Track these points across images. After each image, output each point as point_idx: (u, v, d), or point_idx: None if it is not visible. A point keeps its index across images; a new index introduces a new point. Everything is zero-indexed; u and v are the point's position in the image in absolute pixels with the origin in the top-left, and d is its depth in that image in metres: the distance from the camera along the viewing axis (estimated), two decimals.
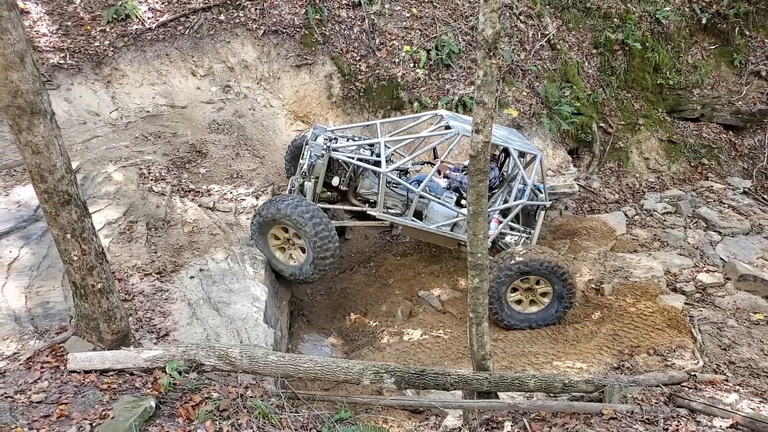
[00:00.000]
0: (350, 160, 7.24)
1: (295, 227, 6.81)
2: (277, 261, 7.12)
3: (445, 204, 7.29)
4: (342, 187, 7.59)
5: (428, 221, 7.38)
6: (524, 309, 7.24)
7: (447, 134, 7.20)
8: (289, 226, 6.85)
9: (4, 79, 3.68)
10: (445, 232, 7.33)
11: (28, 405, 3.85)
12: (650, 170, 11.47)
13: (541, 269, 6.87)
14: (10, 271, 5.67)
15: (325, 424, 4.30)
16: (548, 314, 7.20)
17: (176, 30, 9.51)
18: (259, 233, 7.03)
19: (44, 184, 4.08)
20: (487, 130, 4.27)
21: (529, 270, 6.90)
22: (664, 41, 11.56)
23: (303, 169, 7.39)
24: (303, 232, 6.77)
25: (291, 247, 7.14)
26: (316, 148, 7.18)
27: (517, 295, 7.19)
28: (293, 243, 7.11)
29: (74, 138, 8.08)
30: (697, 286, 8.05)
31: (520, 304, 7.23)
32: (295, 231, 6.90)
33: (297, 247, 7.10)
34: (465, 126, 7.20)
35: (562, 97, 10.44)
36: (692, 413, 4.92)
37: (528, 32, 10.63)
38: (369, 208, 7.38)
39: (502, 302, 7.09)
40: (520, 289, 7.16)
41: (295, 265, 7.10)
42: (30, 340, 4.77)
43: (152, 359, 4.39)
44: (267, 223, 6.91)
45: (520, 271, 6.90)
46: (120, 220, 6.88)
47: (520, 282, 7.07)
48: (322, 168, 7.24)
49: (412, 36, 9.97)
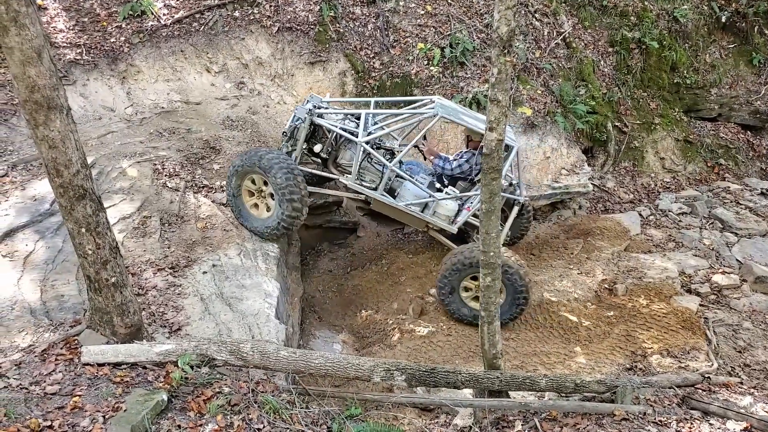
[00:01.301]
0: (331, 127, 7.33)
1: (264, 175, 6.91)
2: (253, 218, 7.18)
3: (417, 184, 7.29)
4: (322, 155, 7.70)
5: (399, 199, 7.39)
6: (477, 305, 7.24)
7: (425, 114, 7.17)
8: (259, 174, 6.95)
9: (21, 74, 3.72)
10: (413, 211, 7.31)
11: (42, 396, 3.89)
12: (666, 170, 11.35)
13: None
14: (26, 265, 5.74)
15: (336, 421, 4.31)
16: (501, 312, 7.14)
17: (191, 26, 9.56)
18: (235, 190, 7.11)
19: (60, 179, 4.12)
20: (501, 128, 4.24)
21: (469, 266, 6.88)
22: (682, 40, 11.43)
23: (284, 130, 7.62)
24: (272, 181, 6.85)
25: (263, 199, 7.21)
26: (299, 111, 7.37)
27: (472, 292, 7.20)
28: (263, 194, 7.19)
29: (90, 133, 8.16)
30: (713, 287, 7.96)
31: (476, 300, 7.18)
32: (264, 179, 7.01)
33: (267, 195, 7.16)
34: (453, 113, 7.14)
35: (577, 96, 10.36)
36: (706, 416, 4.87)
37: (543, 30, 10.55)
38: (344, 177, 7.46)
39: (454, 294, 7.17)
40: (474, 286, 7.15)
41: (268, 217, 7.14)
42: (45, 333, 4.83)
43: (165, 353, 4.43)
44: (240, 173, 7.01)
45: (469, 266, 6.88)
46: (134, 215, 6.93)
47: (471, 280, 7.08)
48: (303, 131, 7.39)
49: (427, 33, 9.94)
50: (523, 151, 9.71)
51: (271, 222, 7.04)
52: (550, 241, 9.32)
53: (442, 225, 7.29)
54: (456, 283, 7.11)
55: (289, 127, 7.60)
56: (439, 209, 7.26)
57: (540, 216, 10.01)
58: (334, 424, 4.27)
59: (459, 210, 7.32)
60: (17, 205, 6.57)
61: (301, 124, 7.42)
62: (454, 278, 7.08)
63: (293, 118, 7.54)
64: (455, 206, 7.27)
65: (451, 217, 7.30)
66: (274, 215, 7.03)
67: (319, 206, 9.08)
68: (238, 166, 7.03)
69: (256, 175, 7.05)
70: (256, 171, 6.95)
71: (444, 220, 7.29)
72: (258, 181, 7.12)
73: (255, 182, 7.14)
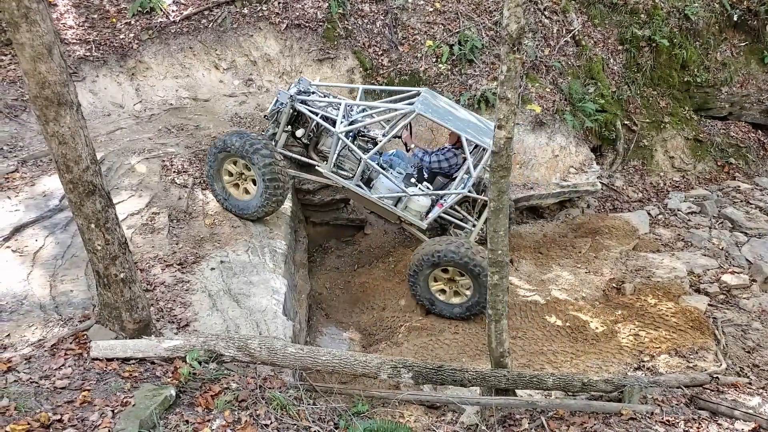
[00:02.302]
0: (311, 115, 7.37)
1: (242, 158, 6.98)
2: (234, 199, 7.25)
3: (390, 178, 7.31)
4: (304, 140, 7.78)
5: (374, 191, 7.44)
6: (447, 299, 7.38)
7: (403, 110, 7.17)
8: (243, 159, 7.01)
9: (32, 70, 3.74)
10: (385, 204, 7.37)
11: (52, 390, 3.93)
12: (675, 169, 11.28)
13: (454, 261, 6.92)
14: (36, 260, 5.79)
15: (342, 417, 4.32)
16: (470, 305, 7.29)
17: (200, 23, 9.58)
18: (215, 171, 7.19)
19: (70, 174, 4.15)
20: (509, 126, 4.23)
21: (445, 260, 6.97)
22: (693, 38, 11.33)
23: (266, 113, 7.72)
24: (257, 171, 6.93)
25: (243, 182, 7.27)
26: (282, 96, 7.44)
27: (441, 284, 7.33)
28: (245, 177, 7.25)
29: (99, 129, 8.20)
30: (722, 287, 7.91)
31: (444, 294, 7.37)
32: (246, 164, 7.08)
33: (249, 179, 7.24)
34: (433, 110, 7.11)
35: (586, 94, 10.30)
36: (714, 416, 4.85)
37: (552, 28, 10.50)
38: (322, 164, 7.51)
39: (423, 286, 7.29)
40: (442, 279, 7.27)
41: (248, 199, 7.22)
42: (54, 328, 4.86)
43: (173, 349, 4.45)
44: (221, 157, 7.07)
45: (436, 260, 6.98)
46: (143, 211, 6.96)
47: (441, 272, 7.21)
48: (284, 117, 7.47)
49: (435, 31, 9.91)
50: (532, 149, 9.68)
51: (252, 205, 7.16)
52: (558, 240, 9.29)
53: (413, 220, 7.39)
54: (425, 276, 7.21)
55: (270, 111, 7.70)
56: (411, 204, 7.34)
57: (548, 214, 9.98)
58: (341, 421, 4.28)
59: (432, 206, 7.37)
60: (27, 200, 6.62)
61: (283, 109, 7.49)
62: (423, 271, 7.18)
63: (275, 102, 7.62)
64: (428, 202, 7.33)
65: (422, 212, 7.38)
66: (255, 199, 7.12)
67: (327, 203, 9.09)
68: (221, 149, 7.06)
69: (240, 159, 7.09)
70: (241, 156, 7.00)
71: (415, 216, 7.38)
72: (240, 165, 7.17)
73: (236, 164, 7.20)
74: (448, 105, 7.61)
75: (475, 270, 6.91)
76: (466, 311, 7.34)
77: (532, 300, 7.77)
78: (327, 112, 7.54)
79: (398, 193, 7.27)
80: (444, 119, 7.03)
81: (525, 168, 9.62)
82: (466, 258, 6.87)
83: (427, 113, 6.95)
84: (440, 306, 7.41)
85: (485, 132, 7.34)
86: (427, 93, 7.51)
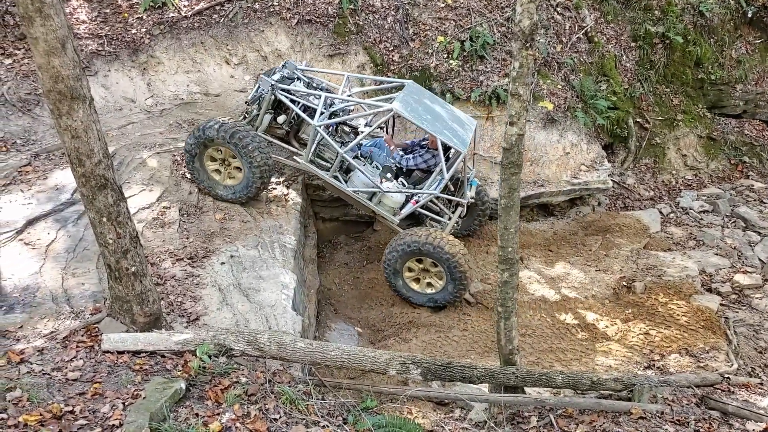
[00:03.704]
0: (290, 105, 7.40)
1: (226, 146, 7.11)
2: (215, 183, 7.37)
3: (365, 174, 7.37)
4: (285, 127, 7.84)
5: (350, 184, 7.53)
6: (422, 288, 7.58)
7: (382, 108, 7.21)
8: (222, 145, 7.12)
9: (46, 64, 3.77)
10: (359, 198, 7.48)
11: (64, 382, 3.96)
12: (687, 167, 11.17)
13: (427, 251, 7.09)
14: (48, 253, 5.84)
15: (351, 413, 4.32)
16: (441, 296, 7.45)
17: (211, 18, 9.59)
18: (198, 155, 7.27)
19: (82, 168, 4.17)
20: (521, 123, 4.20)
21: (418, 250, 7.16)
22: (707, 35, 11.20)
23: (247, 99, 7.78)
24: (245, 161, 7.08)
25: (227, 168, 7.37)
26: (264, 83, 7.44)
27: (415, 273, 7.52)
28: (228, 164, 7.34)
29: (110, 123, 8.24)
30: (734, 287, 7.84)
31: (418, 282, 7.58)
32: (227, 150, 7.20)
33: (233, 168, 7.35)
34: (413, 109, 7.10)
35: (597, 91, 10.22)
36: (725, 416, 4.80)
37: (565, 24, 10.42)
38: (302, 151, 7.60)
39: (398, 276, 7.50)
40: (417, 269, 7.47)
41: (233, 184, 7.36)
42: (66, 320, 4.91)
43: (183, 342, 4.47)
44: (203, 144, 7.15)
45: (410, 250, 7.17)
46: (153, 205, 7.00)
47: (416, 262, 7.40)
48: (265, 104, 7.52)
49: (446, 26, 9.87)
50: (543, 146, 9.63)
51: (235, 191, 7.30)
52: (568, 238, 9.24)
53: (386, 215, 7.52)
54: (399, 266, 7.42)
55: (252, 97, 7.71)
56: (384, 199, 7.47)
57: (558, 212, 9.93)
58: (349, 416, 4.29)
59: (406, 202, 7.48)
60: (39, 194, 6.67)
61: (264, 95, 7.50)
62: (397, 261, 7.35)
63: (257, 88, 7.62)
64: (402, 198, 7.45)
65: (396, 208, 7.50)
66: (239, 184, 7.26)
67: (336, 199, 9.09)
68: (204, 137, 7.10)
69: (224, 147, 7.16)
70: (225, 145, 7.08)
71: (388, 211, 7.52)
72: (225, 152, 7.24)
73: (221, 152, 7.26)
74: (430, 100, 7.64)
75: (448, 260, 7.07)
76: (437, 300, 7.52)
77: (542, 297, 7.75)
78: (308, 101, 7.57)
79: (372, 189, 7.40)
80: (422, 119, 7.07)
81: (536, 165, 9.58)
82: (439, 248, 7.03)
83: (404, 112, 6.96)
84: (413, 294, 7.61)
85: (464, 130, 7.48)
86: (411, 86, 7.54)
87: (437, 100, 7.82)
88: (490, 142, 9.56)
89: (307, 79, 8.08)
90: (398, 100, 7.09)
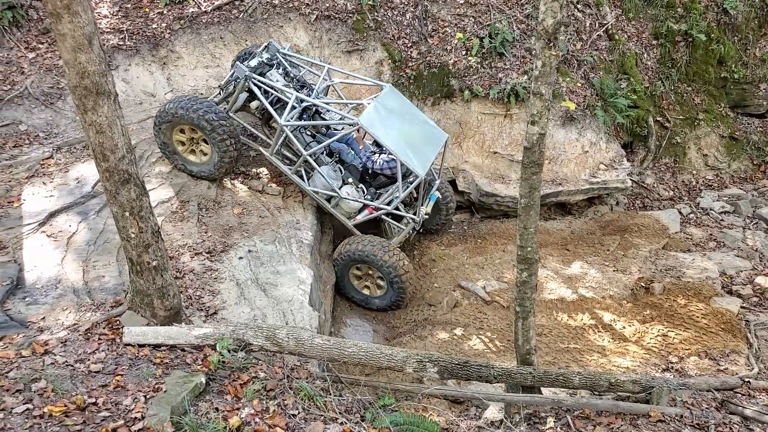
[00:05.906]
0: (261, 99, 7.40)
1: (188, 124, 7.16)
2: (191, 163, 7.44)
3: (326, 177, 7.41)
4: (257, 114, 7.90)
5: (312, 182, 7.61)
6: (371, 293, 7.74)
7: (349, 120, 7.30)
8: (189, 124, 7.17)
9: (73, 60, 3.81)
10: (318, 198, 7.58)
11: (87, 374, 4.02)
12: (708, 167, 11.03)
13: (368, 259, 7.26)
14: (70, 245, 5.92)
15: (369, 410, 4.34)
16: (386, 300, 7.65)
17: (231, 13, 9.62)
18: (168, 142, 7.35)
19: (106, 163, 4.22)
20: (543, 122, 4.18)
21: (362, 260, 7.33)
22: (731, 33, 11.03)
23: (221, 84, 7.81)
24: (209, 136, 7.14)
25: (197, 146, 7.43)
26: (239, 71, 7.42)
27: (363, 280, 7.71)
28: (195, 140, 7.39)
29: (131, 118, 8.31)
30: (755, 289, 7.73)
31: (368, 288, 7.75)
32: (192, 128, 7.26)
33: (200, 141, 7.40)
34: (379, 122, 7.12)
35: (617, 90, 10.11)
36: (745, 420, 4.76)
37: (585, 21, 10.31)
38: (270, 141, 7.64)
39: (344, 279, 7.68)
40: (362, 273, 7.64)
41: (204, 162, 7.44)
42: (87, 312, 4.97)
43: (203, 336, 4.52)
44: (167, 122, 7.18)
45: (354, 257, 7.34)
46: (172, 199, 7.07)
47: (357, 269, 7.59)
48: (239, 91, 7.54)
49: (465, 23, 9.81)
50: (561, 144, 9.56)
51: (210, 166, 7.37)
52: (585, 237, 9.17)
53: (342, 219, 7.65)
54: (345, 270, 7.60)
55: (226, 82, 7.69)
56: (342, 203, 7.55)
57: (576, 211, 9.86)
58: (367, 413, 4.30)
59: (363, 208, 7.58)
60: (61, 186, 6.76)
61: (238, 83, 7.47)
62: (343, 265, 7.56)
63: (232, 74, 7.60)
64: (359, 204, 7.54)
65: (351, 213, 7.61)
66: (211, 160, 7.33)
67: None
68: (166, 118, 7.13)
69: (185, 126, 7.21)
70: (186, 122, 7.12)
71: (344, 215, 7.63)
72: (187, 131, 7.29)
73: (184, 132, 7.31)
74: (403, 109, 7.62)
75: (389, 273, 7.26)
76: (377, 304, 7.73)
77: (559, 297, 7.70)
78: (282, 95, 7.55)
79: (329, 192, 7.48)
80: (387, 134, 7.10)
81: (554, 164, 9.52)
82: (381, 261, 7.20)
83: (371, 127, 7.00)
84: (358, 297, 7.80)
85: (431, 147, 7.51)
86: (388, 93, 7.57)
87: (411, 110, 7.81)
88: (508, 139, 9.51)
89: (288, 64, 8.08)
90: (367, 111, 7.15)
